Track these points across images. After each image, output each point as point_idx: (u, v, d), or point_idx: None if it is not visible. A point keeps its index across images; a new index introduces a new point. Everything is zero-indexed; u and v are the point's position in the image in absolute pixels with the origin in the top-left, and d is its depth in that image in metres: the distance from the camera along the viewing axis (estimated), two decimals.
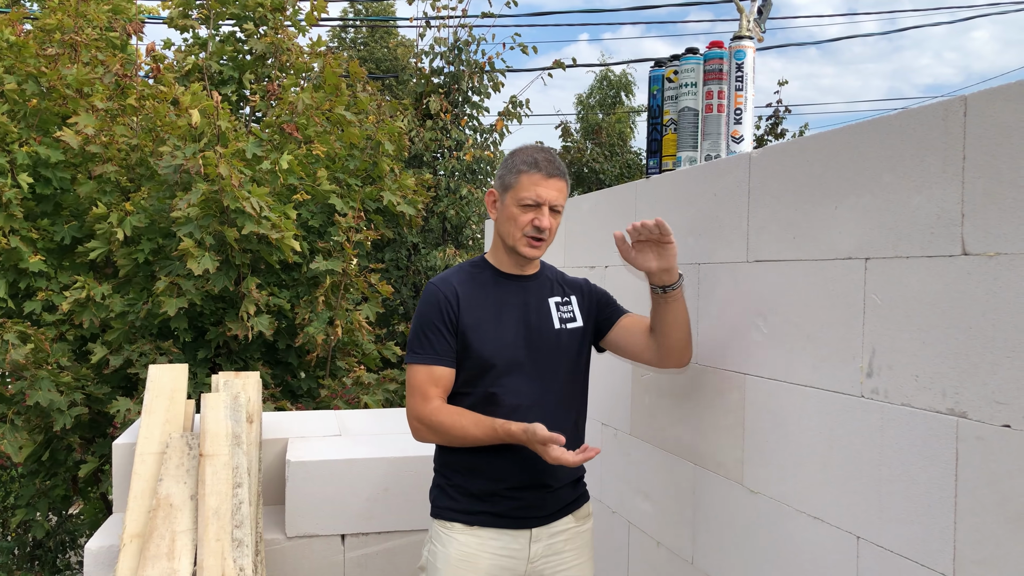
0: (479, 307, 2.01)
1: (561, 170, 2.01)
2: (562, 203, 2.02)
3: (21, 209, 4.73)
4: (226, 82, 6.36)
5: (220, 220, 4.63)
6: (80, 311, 4.64)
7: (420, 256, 7.75)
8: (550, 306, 2.08)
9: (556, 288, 2.13)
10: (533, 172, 1.98)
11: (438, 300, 2.00)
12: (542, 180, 1.97)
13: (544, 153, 2.02)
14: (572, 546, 2.06)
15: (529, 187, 1.97)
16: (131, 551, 2.47)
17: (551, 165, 1.99)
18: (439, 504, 2.07)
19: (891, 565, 1.52)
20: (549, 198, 1.98)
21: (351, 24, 16.07)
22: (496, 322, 2.01)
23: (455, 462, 2.05)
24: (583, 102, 21.07)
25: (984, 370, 1.33)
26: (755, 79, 2.28)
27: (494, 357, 1.96)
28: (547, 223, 1.97)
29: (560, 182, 2.00)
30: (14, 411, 4.40)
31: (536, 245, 2.00)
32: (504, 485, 1.99)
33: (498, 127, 8.26)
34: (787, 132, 12.68)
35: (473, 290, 2.04)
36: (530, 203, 1.97)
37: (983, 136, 1.34)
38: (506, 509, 1.99)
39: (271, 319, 4.77)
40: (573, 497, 2.10)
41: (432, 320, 1.99)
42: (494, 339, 1.99)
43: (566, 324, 2.08)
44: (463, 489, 2.03)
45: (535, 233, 1.98)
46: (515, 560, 1.99)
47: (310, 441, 3.18)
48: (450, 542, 2.01)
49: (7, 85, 4.97)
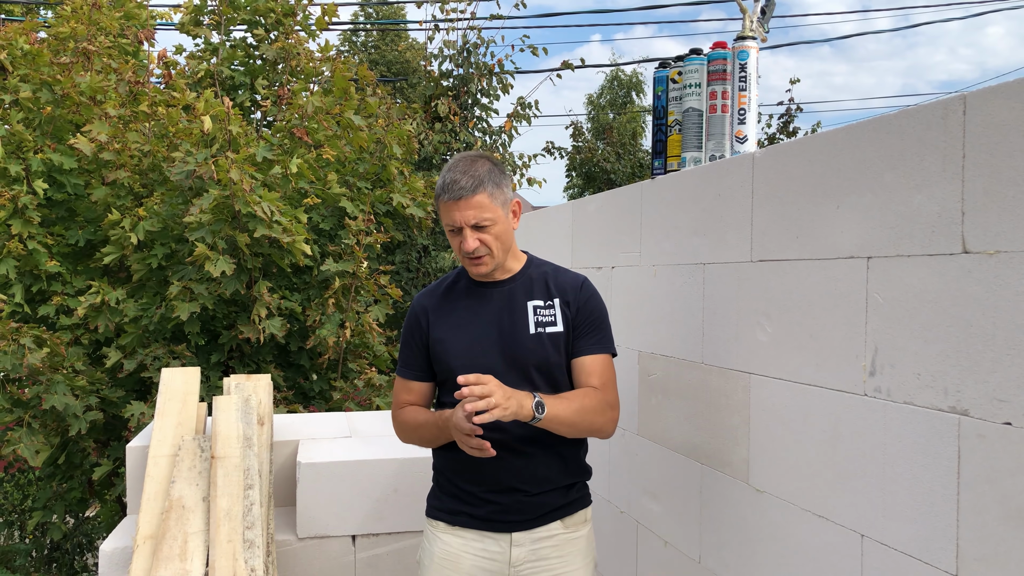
0: (448, 319, 2.07)
1: (471, 186, 1.91)
2: (487, 215, 1.93)
3: (37, 215, 4.79)
4: (237, 87, 6.41)
5: (232, 225, 4.67)
6: (95, 316, 4.69)
7: (430, 258, 7.78)
8: (528, 309, 2.03)
9: (539, 290, 2.06)
10: (443, 199, 1.94)
11: (412, 317, 2.14)
12: (452, 204, 1.92)
13: (454, 172, 1.94)
14: (560, 553, 2.02)
15: (445, 214, 1.96)
16: (144, 552, 2.50)
17: (456, 187, 1.91)
18: (429, 502, 2.15)
19: (895, 563, 1.52)
20: (465, 220, 1.92)
21: (361, 28, 16.14)
22: (463, 332, 2.04)
23: (441, 463, 2.11)
24: (594, 102, 21.07)
25: (985, 368, 1.33)
26: (759, 79, 2.29)
27: (460, 367, 1.94)
28: (471, 245, 1.93)
29: (475, 198, 1.91)
30: (30, 415, 4.45)
31: (477, 263, 1.98)
32: (482, 488, 2.00)
33: (507, 129, 8.27)
34: (799, 130, 12.64)
35: (444, 303, 2.10)
36: (451, 228, 1.97)
37: (983, 134, 1.34)
38: (486, 512, 2.00)
39: (283, 322, 4.80)
40: (562, 503, 2.04)
41: (407, 337, 2.14)
42: (462, 350, 2.01)
43: (544, 328, 2.02)
44: (447, 489, 2.08)
45: (468, 255, 1.97)
46: (496, 563, 2.00)
47: (320, 443, 3.21)
48: (435, 541, 2.06)
49: (22, 93, 5.03)
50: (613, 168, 14.20)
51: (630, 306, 2.65)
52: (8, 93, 5.09)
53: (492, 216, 1.94)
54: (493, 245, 1.96)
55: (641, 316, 2.58)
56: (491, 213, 1.94)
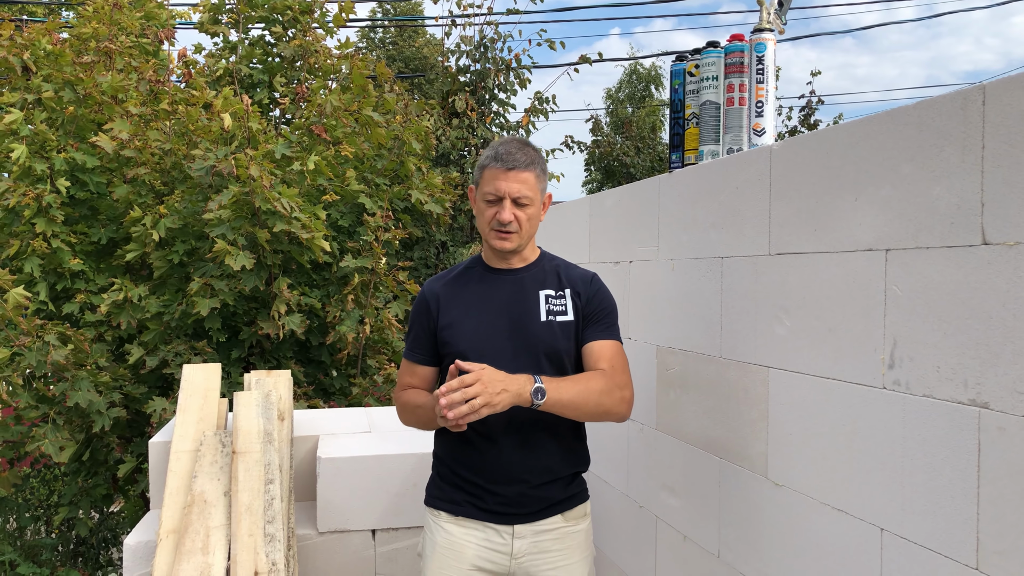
0: (458, 305, 2.08)
1: (524, 161, 1.97)
2: (529, 194, 1.98)
3: (61, 213, 4.85)
4: (256, 85, 6.46)
5: (251, 221, 4.70)
6: (117, 313, 4.74)
7: (448, 254, 7.80)
8: (539, 298, 2.06)
9: (552, 281, 2.10)
10: (494, 166, 1.97)
11: (421, 303, 2.15)
12: (501, 174, 1.96)
13: (509, 145, 1.99)
14: (560, 546, 2.05)
15: (490, 181, 1.98)
16: (167, 546, 2.54)
17: (511, 158, 1.96)
18: (429, 492, 2.16)
19: (915, 557, 1.51)
20: (510, 191, 1.96)
21: (379, 24, 16.18)
22: (473, 318, 2.05)
23: (443, 450, 2.14)
24: (612, 96, 20.99)
25: (1005, 360, 1.32)
26: (778, 71, 2.27)
27: (468, 351, 1.99)
28: (508, 216, 1.96)
29: (524, 173, 1.96)
30: (55, 411, 4.51)
31: (505, 237, 2.00)
32: (484, 479, 2.02)
33: (524, 124, 8.27)
34: (820, 123, 12.54)
35: (455, 289, 2.11)
36: (491, 198, 1.98)
37: (1002, 125, 1.33)
38: (489, 504, 2.03)
39: (302, 318, 4.83)
40: (563, 496, 2.08)
41: (414, 321, 2.16)
42: (470, 335, 2.03)
43: (555, 317, 2.05)
44: (448, 478, 2.10)
45: (499, 227, 1.99)
46: (499, 554, 2.02)
47: (340, 438, 3.23)
48: (437, 530, 2.08)
49: (45, 93, 5.09)
50: (632, 162, 14.15)
51: (648, 300, 2.64)
52: (31, 93, 5.16)
53: (532, 196, 2.00)
54: (524, 225, 2.00)
55: (659, 310, 2.57)
56: (532, 193, 2.00)
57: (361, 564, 2.96)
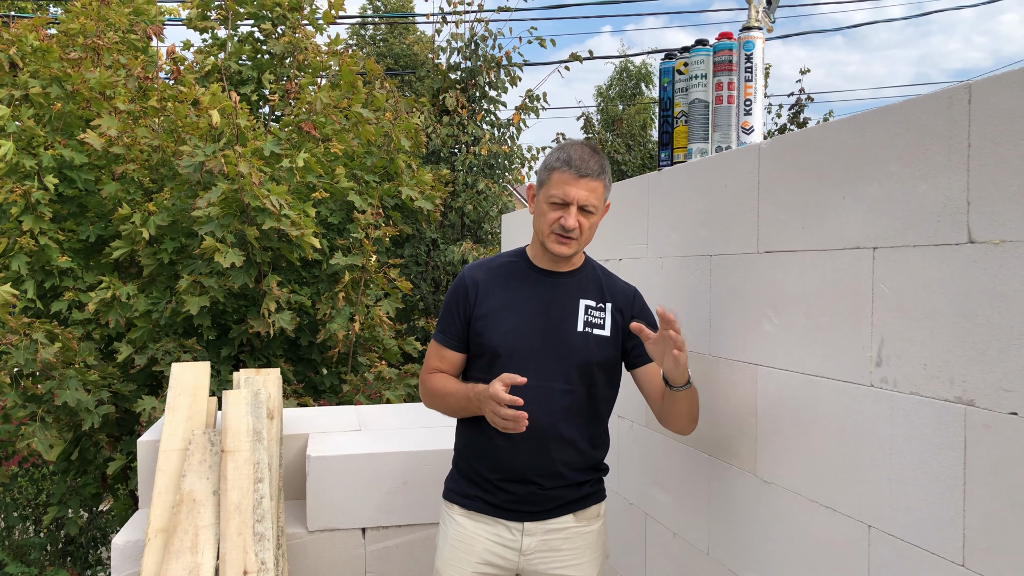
0: (497, 297, 2.06)
1: (596, 170, 1.96)
2: (595, 203, 1.97)
3: (49, 210, 4.81)
4: (245, 82, 6.42)
5: (241, 219, 4.68)
6: (106, 311, 4.71)
7: (439, 251, 7.78)
8: (579, 306, 2.05)
9: (594, 291, 2.09)
10: (564, 171, 1.95)
11: (460, 287, 2.11)
12: (572, 180, 1.94)
13: (581, 151, 1.97)
14: (571, 545, 2.05)
15: (559, 185, 1.96)
16: (156, 545, 2.53)
17: (585, 165, 1.95)
18: (446, 485, 2.18)
19: (902, 553, 1.52)
20: (578, 198, 1.95)
21: (369, 21, 16.14)
22: (511, 314, 2.04)
23: (463, 446, 2.14)
24: (603, 94, 20.99)
25: (991, 358, 1.33)
26: (766, 69, 2.28)
27: (500, 347, 2.00)
28: (572, 223, 1.95)
29: (593, 182, 1.96)
30: (44, 410, 4.49)
31: (564, 242, 1.99)
32: (498, 476, 2.03)
33: (515, 121, 8.26)
34: (809, 121, 12.56)
35: (497, 280, 2.09)
36: (558, 202, 1.96)
37: (987, 124, 1.33)
38: (499, 500, 2.04)
39: (292, 316, 4.82)
40: (575, 497, 2.07)
41: (450, 305, 2.11)
42: (505, 330, 2.02)
43: (592, 329, 2.04)
44: (465, 473, 2.11)
45: (561, 232, 1.97)
46: (508, 549, 2.03)
47: (330, 436, 3.22)
48: (450, 523, 2.10)
49: (32, 89, 5.05)
50: (624, 160, 14.14)
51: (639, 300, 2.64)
52: (19, 89, 5.12)
53: (598, 205, 2.00)
54: (586, 231, 2.00)
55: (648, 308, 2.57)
56: (599, 202, 1.99)
57: (351, 562, 2.95)
